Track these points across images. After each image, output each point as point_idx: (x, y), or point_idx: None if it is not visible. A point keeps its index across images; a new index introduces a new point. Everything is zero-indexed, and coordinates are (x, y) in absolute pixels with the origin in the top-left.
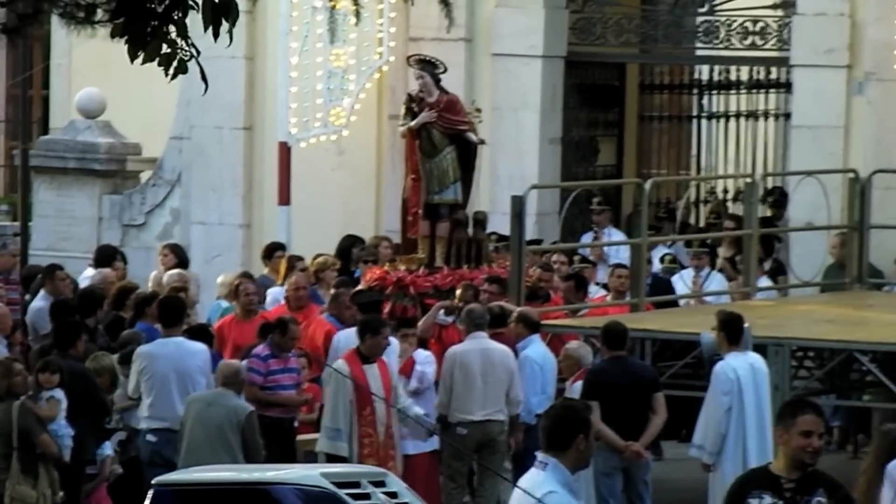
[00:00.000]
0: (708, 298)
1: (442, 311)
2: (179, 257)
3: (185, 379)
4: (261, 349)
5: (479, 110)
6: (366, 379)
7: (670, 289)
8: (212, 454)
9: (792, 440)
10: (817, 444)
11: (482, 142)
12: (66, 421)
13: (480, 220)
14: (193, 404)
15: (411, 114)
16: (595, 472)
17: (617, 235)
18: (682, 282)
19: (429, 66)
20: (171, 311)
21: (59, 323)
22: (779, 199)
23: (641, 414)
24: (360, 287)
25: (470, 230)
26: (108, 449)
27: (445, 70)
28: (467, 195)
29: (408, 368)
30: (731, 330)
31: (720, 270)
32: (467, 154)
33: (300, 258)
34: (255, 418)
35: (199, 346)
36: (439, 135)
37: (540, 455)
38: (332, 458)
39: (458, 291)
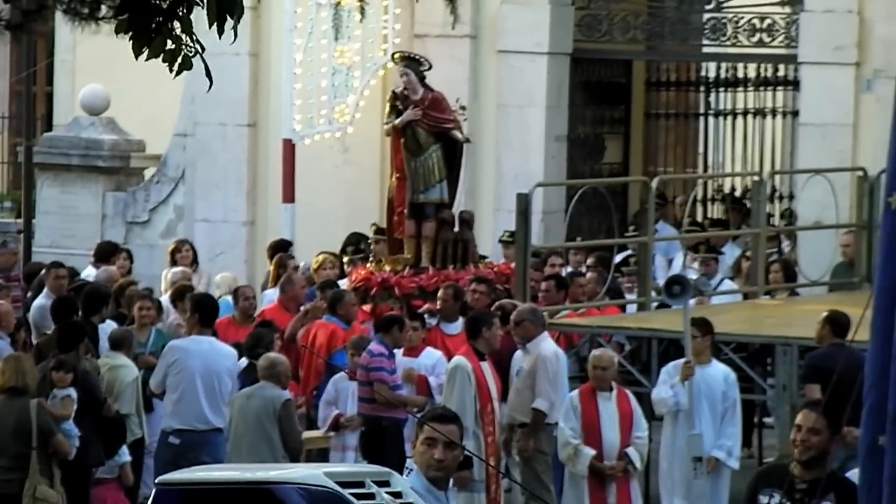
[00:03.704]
0: (713, 300)
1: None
2: (195, 253)
3: (213, 379)
4: (379, 347)
5: (463, 108)
6: (484, 376)
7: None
8: (252, 446)
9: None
10: (799, 438)
11: (468, 140)
12: (73, 422)
13: (467, 220)
14: (237, 399)
15: (396, 112)
16: None
17: (667, 230)
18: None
19: (413, 64)
20: (206, 309)
21: (62, 324)
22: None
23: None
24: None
25: (456, 230)
26: (125, 455)
27: (430, 67)
28: (453, 194)
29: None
30: None
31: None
32: (453, 153)
33: (291, 256)
34: (291, 406)
35: (229, 349)
36: (424, 133)
37: (408, 461)
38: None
39: (440, 292)
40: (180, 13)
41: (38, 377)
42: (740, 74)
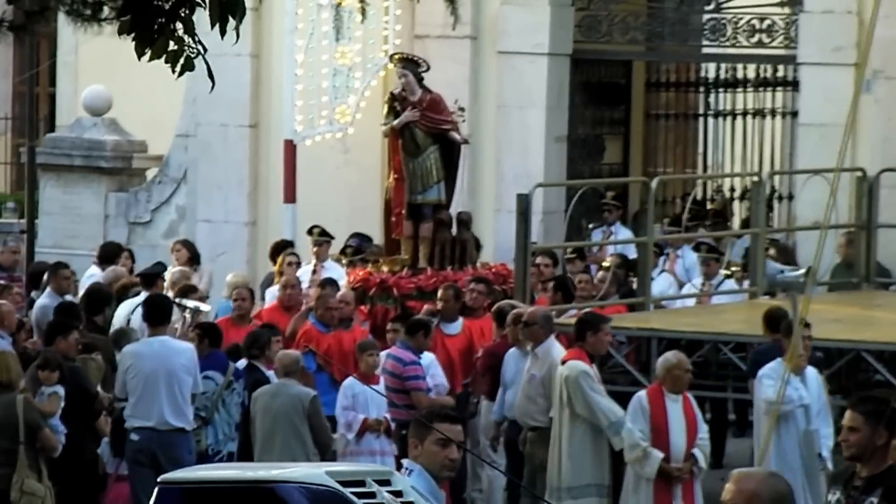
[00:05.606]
0: (713, 299)
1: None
2: (192, 252)
3: (171, 378)
4: (409, 354)
5: (462, 109)
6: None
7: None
8: (282, 443)
9: None
10: (840, 438)
11: (466, 141)
12: (59, 419)
13: (464, 221)
14: (260, 398)
15: (394, 113)
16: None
17: (623, 233)
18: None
19: (411, 65)
20: (157, 310)
21: (49, 322)
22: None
23: None
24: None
25: (454, 230)
26: None
27: (428, 69)
28: (451, 195)
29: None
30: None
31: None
32: (451, 153)
33: (294, 255)
34: (318, 402)
35: (185, 345)
36: (422, 134)
37: (406, 461)
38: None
39: (440, 292)
40: (182, 14)
41: (24, 375)
42: (740, 75)
